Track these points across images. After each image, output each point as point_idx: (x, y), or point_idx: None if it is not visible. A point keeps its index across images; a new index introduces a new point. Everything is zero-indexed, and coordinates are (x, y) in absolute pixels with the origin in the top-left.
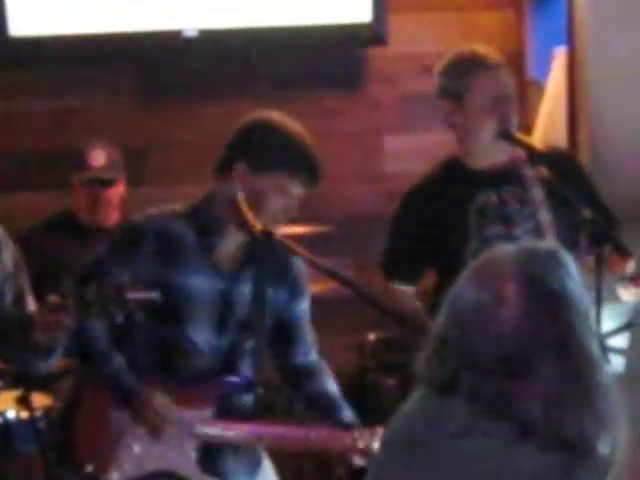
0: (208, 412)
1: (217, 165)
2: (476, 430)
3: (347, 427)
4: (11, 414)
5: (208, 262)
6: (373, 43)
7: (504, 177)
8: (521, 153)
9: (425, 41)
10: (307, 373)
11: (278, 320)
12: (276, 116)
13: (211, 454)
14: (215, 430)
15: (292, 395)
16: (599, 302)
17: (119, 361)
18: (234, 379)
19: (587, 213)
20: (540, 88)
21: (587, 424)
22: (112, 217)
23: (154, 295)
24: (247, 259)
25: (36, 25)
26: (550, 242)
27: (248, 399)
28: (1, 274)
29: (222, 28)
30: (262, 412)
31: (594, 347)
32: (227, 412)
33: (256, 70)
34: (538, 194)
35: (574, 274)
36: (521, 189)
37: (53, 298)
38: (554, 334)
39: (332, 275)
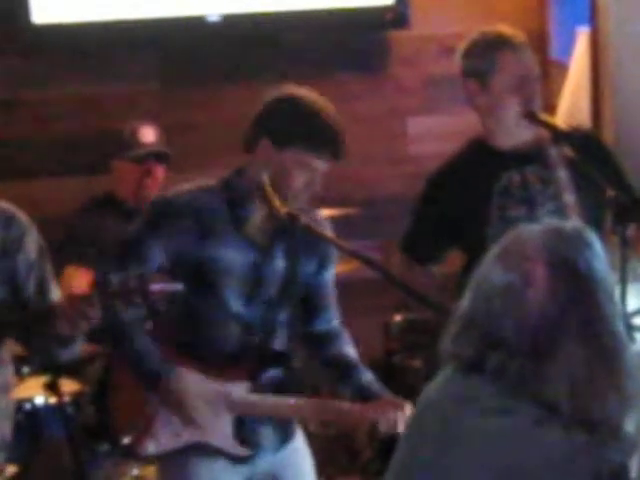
0: (246, 385)
1: (245, 140)
2: (502, 409)
3: (366, 388)
4: (39, 400)
5: (240, 235)
6: (396, 26)
7: (528, 157)
8: (546, 133)
9: (448, 23)
10: (328, 338)
11: (306, 289)
12: (299, 91)
13: (245, 426)
14: (252, 401)
15: (310, 356)
16: (624, 281)
17: (144, 343)
18: (270, 352)
19: (611, 192)
20: (563, 68)
21: (613, 404)
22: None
23: (177, 286)
24: (277, 232)
25: (59, 12)
26: (575, 222)
27: (281, 372)
28: (25, 262)
29: (245, 13)
30: (295, 385)
31: (620, 327)
32: (262, 385)
33: (280, 54)
34: (562, 174)
35: (600, 254)
36: (545, 169)
37: (77, 290)
38: (581, 315)
39: (358, 257)
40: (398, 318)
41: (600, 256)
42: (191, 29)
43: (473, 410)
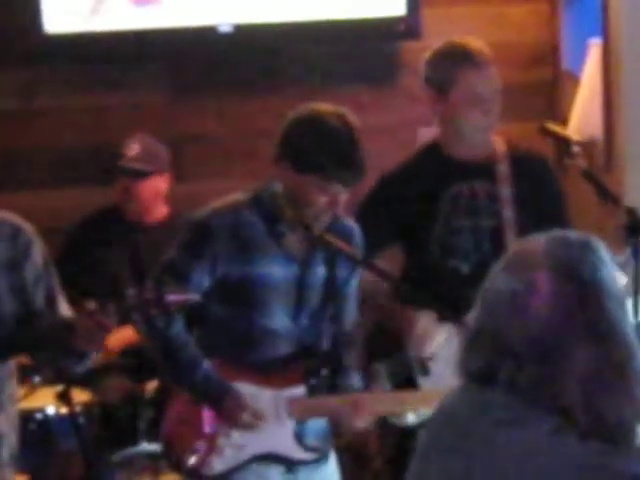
0: (301, 388)
1: (273, 157)
2: (517, 420)
3: None
4: (51, 410)
5: (280, 249)
6: (407, 37)
7: (479, 170)
8: (500, 149)
9: (459, 34)
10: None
11: (339, 296)
12: (321, 110)
13: (300, 433)
14: (312, 403)
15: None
16: (636, 291)
17: (206, 367)
18: (319, 354)
19: (623, 203)
20: (575, 80)
21: (625, 411)
22: (157, 212)
23: (193, 297)
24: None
25: (71, 22)
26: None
27: (330, 373)
28: (32, 273)
29: (256, 23)
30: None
31: (630, 333)
32: (316, 386)
33: (292, 64)
34: (506, 192)
35: (606, 260)
36: (493, 185)
37: (91, 304)
38: (587, 320)
39: (370, 268)
40: None
41: (606, 262)
42: (203, 39)
43: (487, 422)
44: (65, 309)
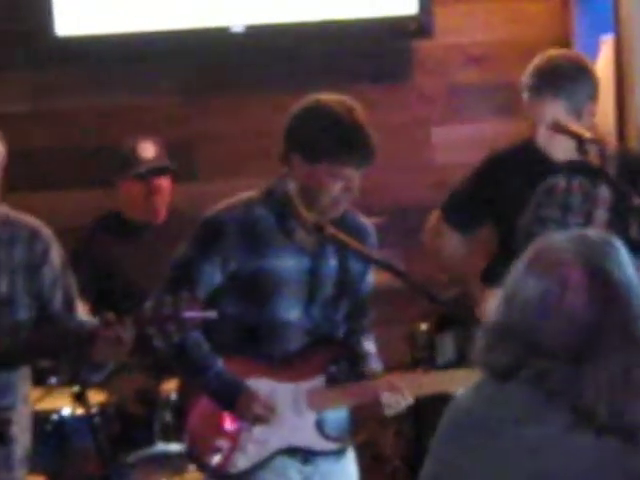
0: (320, 380)
1: (279, 154)
2: (537, 417)
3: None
4: (66, 411)
5: (291, 242)
6: (420, 35)
7: (580, 167)
8: (610, 150)
9: (471, 31)
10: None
11: (354, 289)
12: (324, 98)
13: (322, 424)
14: (330, 394)
15: None
16: None
17: (219, 366)
18: (334, 344)
19: (636, 200)
20: None
21: None
22: (161, 213)
23: (211, 314)
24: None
25: (82, 24)
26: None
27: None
28: (50, 277)
29: (269, 23)
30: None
31: None
32: (335, 377)
33: (304, 64)
34: (605, 194)
35: (628, 260)
36: (591, 183)
37: (109, 315)
38: (619, 317)
39: (384, 266)
40: (424, 327)
41: (629, 262)
42: (215, 40)
43: (504, 418)
44: (82, 312)
